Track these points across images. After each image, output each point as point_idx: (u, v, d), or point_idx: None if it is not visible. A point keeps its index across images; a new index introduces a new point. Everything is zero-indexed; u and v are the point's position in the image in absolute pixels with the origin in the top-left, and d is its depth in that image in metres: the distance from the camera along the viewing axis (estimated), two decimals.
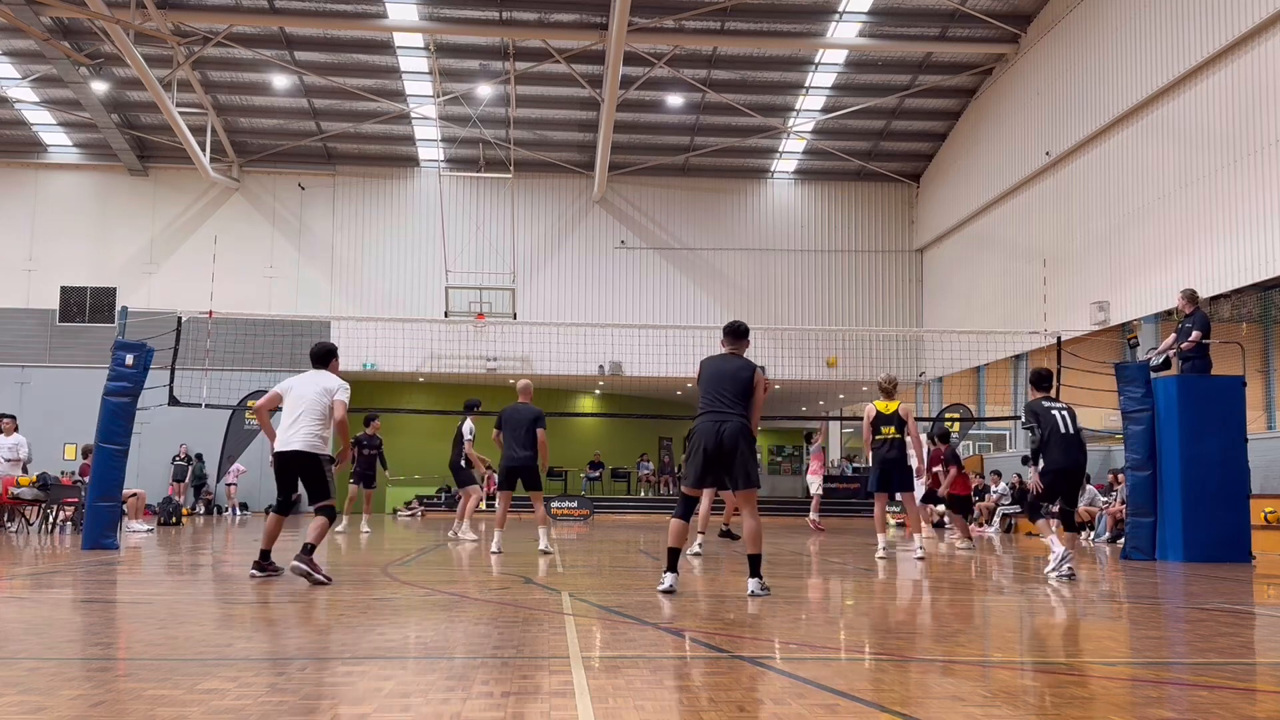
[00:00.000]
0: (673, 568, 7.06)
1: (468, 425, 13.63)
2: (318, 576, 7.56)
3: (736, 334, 7.39)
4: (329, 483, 7.97)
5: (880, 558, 11.00)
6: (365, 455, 15.65)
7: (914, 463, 11.70)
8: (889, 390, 11.20)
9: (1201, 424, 11.54)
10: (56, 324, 27.81)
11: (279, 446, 7.90)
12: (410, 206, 29.11)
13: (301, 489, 8.07)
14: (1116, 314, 19.64)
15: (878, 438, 11.02)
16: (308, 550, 7.62)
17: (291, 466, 7.90)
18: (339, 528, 14.72)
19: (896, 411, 11.05)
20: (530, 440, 10.92)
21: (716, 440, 6.93)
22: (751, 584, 6.97)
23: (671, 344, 25.02)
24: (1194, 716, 3.48)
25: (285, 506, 8.16)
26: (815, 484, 19.28)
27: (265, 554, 8.03)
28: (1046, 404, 9.00)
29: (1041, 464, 8.82)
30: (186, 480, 24.29)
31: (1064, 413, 8.96)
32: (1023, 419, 8.93)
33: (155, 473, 24.14)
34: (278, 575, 8.00)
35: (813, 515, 18.85)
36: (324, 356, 8.25)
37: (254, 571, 7.99)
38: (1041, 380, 9.22)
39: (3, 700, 3.44)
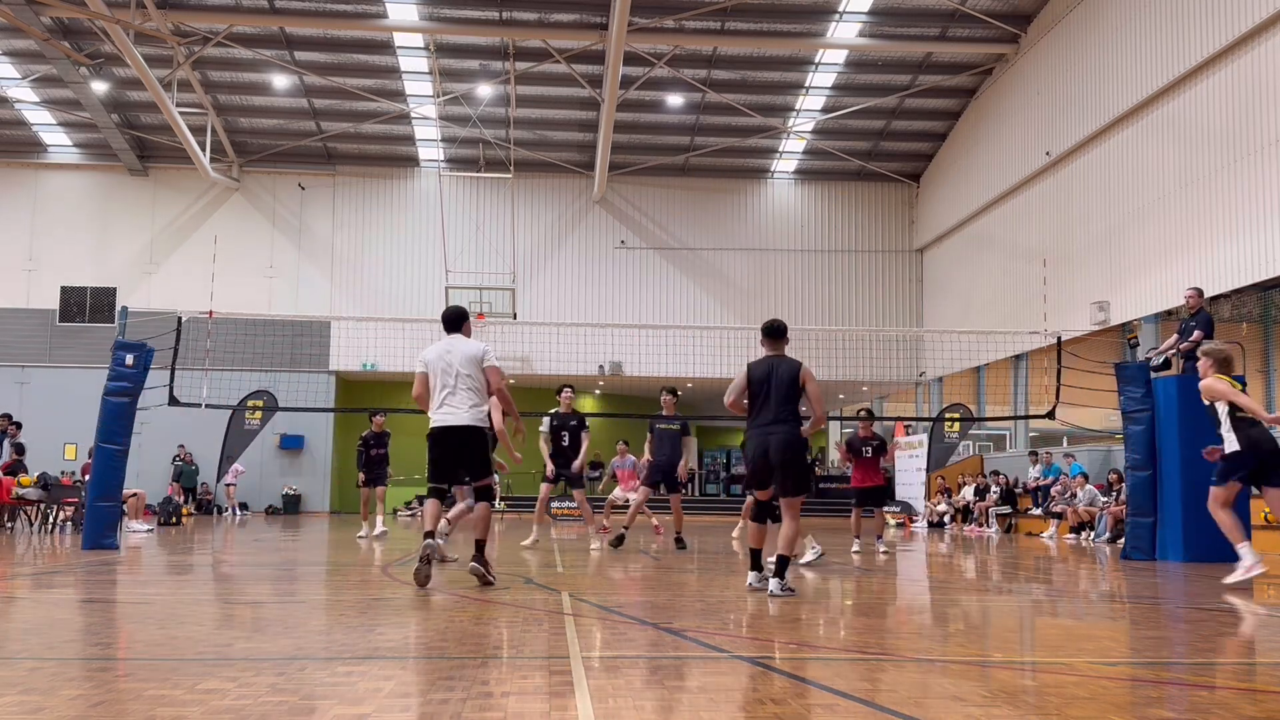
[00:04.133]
0: (756, 567, 7.29)
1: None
2: (489, 578, 7.34)
3: (776, 334, 7.39)
4: (490, 461, 7.60)
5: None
6: (374, 455, 14.20)
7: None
8: None
9: (1201, 424, 11.51)
10: (56, 324, 27.82)
11: (438, 421, 7.37)
12: (410, 206, 29.10)
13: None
14: (1116, 314, 19.63)
15: None
16: (480, 548, 7.35)
17: (453, 443, 7.34)
18: (360, 533, 14.50)
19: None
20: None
21: (764, 451, 7.10)
22: (773, 584, 6.96)
23: (671, 344, 25.01)
24: (1194, 716, 3.48)
25: (442, 494, 7.51)
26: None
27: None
28: None
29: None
30: (181, 481, 24.26)
31: None
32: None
33: (155, 473, 24.14)
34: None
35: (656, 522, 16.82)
36: (457, 320, 7.82)
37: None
38: None
39: (3, 700, 3.44)
